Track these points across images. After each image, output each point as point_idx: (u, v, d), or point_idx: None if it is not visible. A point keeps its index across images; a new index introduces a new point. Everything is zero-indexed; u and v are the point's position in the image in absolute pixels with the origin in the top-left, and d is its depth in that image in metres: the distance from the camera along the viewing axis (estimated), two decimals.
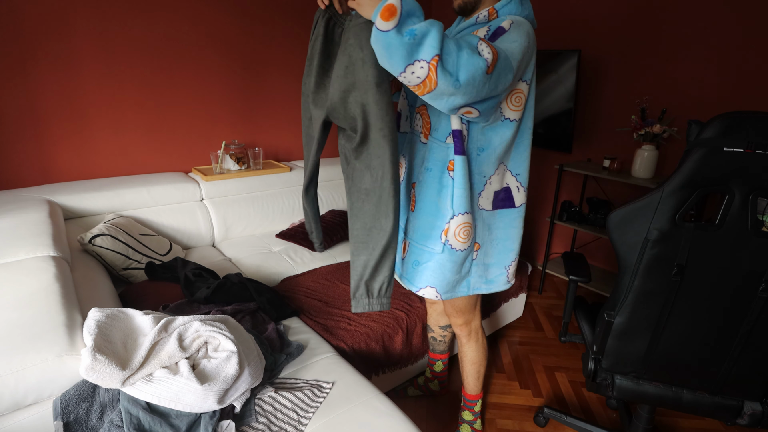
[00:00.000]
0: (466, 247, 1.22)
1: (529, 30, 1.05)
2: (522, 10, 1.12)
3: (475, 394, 1.58)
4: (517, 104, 1.12)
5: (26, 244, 1.35)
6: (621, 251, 1.15)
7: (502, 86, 1.00)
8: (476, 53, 0.93)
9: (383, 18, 0.87)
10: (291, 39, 2.64)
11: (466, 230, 1.20)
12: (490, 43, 0.97)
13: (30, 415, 0.96)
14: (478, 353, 1.50)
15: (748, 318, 1.08)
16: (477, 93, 0.95)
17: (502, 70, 0.98)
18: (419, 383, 1.82)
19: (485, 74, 0.94)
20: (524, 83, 1.11)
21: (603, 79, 2.56)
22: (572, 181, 2.85)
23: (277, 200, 2.41)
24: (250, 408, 1.09)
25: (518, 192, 1.24)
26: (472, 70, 0.91)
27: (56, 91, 1.99)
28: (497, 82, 0.98)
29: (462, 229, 1.19)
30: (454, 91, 0.93)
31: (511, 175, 1.23)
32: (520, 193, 1.24)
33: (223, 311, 1.43)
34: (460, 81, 0.91)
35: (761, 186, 0.98)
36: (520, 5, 1.11)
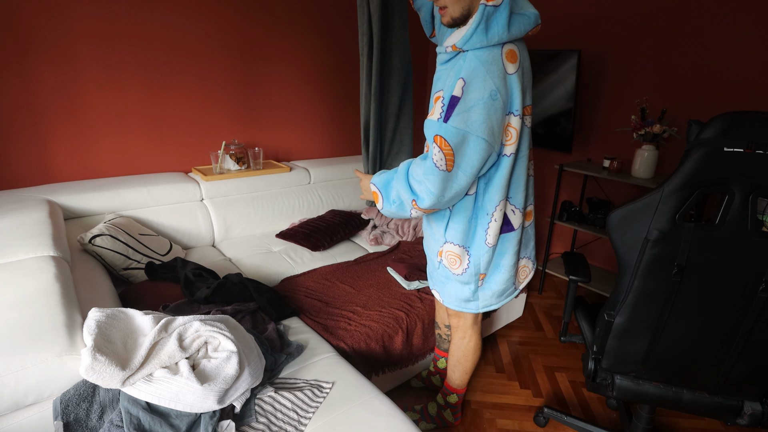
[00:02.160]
0: (460, 273, 1.32)
1: (487, 77, 1.03)
2: (488, 36, 1.05)
3: (454, 387, 1.60)
4: (508, 139, 1.13)
5: (26, 244, 1.35)
6: (621, 251, 1.15)
7: (477, 154, 1.06)
8: (430, 170, 1.07)
9: (376, 201, 1.23)
10: (292, 40, 2.64)
11: (451, 258, 1.30)
12: (443, 141, 1.05)
13: (30, 415, 0.96)
14: (465, 352, 1.52)
15: (748, 318, 1.08)
16: (453, 183, 1.09)
17: (464, 152, 1.05)
18: (422, 375, 1.84)
19: (446, 173, 1.07)
20: (513, 116, 1.10)
21: (603, 79, 2.56)
22: (572, 181, 2.85)
23: (277, 200, 2.41)
24: (250, 408, 1.09)
25: (514, 215, 1.28)
26: (433, 186, 1.08)
27: (56, 91, 1.99)
28: (467, 161, 1.06)
29: (449, 255, 1.30)
30: (438, 200, 1.10)
31: (508, 202, 1.26)
32: (516, 216, 1.28)
33: (223, 311, 1.43)
34: (434, 196, 1.09)
35: (761, 186, 0.98)
36: (485, 33, 1.05)
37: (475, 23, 1.04)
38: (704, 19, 2.13)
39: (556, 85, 2.51)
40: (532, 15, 1.08)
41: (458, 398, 1.62)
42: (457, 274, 1.33)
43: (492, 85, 1.03)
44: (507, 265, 1.32)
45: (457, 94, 1.05)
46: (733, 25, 2.06)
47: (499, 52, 1.05)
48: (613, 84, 2.52)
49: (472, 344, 1.50)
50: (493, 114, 1.04)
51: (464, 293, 1.36)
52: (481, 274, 1.32)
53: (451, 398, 1.62)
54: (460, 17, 1.09)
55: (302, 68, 2.75)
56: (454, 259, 1.31)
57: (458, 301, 1.38)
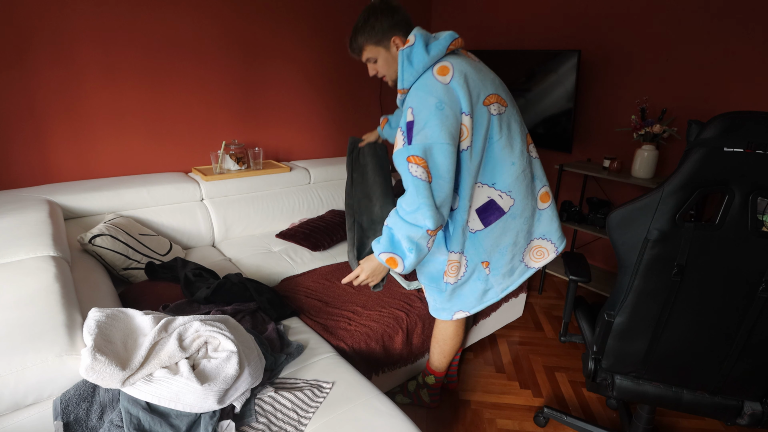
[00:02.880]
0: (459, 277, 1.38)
1: (427, 95, 1.15)
2: (414, 68, 1.20)
3: (433, 368, 1.65)
4: (462, 136, 1.19)
5: (26, 244, 1.35)
6: (621, 251, 1.15)
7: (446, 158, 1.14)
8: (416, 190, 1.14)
9: (394, 266, 1.21)
10: (292, 39, 2.64)
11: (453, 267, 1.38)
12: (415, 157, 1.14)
13: (30, 415, 0.96)
14: (444, 335, 1.57)
15: (748, 318, 1.08)
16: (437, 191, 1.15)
17: (435, 162, 1.14)
18: None
19: (428, 184, 1.14)
20: (465, 116, 1.17)
21: (603, 79, 2.56)
22: (572, 181, 2.85)
23: (277, 200, 2.41)
24: (250, 408, 1.09)
25: (502, 199, 1.29)
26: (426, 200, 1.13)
27: (56, 92, 1.99)
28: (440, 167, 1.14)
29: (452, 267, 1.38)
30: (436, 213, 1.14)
31: (488, 187, 1.29)
32: (504, 199, 1.30)
33: (223, 311, 1.43)
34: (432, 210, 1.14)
35: (761, 186, 0.98)
36: (411, 67, 1.20)
37: (400, 65, 1.22)
38: (704, 19, 2.13)
39: (556, 85, 2.51)
40: (446, 35, 1.23)
41: (436, 380, 1.67)
42: (457, 281, 1.39)
43: (434, 99, 1.14)
44: (506, 246, 1.35)
45: (410, 119, 1.17)
46: (733, 25, 2.06)
47: (430, 73, 1.18)
48: (613, 84, 2.52)
49: (452, 329, 1.55)
50: (446, 120, 1.14)
51: (477, 291, 1.41)
52: (483, 262, 1.36)
53: (429, 379, 1.67)
54: (396, 76, 1.29)
55: (303, 68, 2.75)
56: (455, 267, 1.36)
57: (475, 303, 1.43)
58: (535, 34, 2.80)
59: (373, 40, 1.27)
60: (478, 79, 1.20)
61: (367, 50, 1.30)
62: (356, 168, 1.70)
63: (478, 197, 1.30)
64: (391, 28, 1.25)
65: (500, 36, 2.99)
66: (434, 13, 3.36)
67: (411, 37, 1.21)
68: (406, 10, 1.28)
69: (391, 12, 1.24)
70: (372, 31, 1.26)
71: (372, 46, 1.28)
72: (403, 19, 1.26)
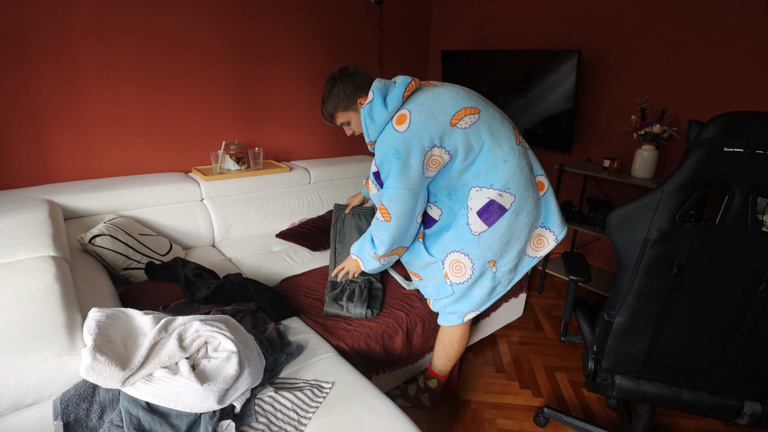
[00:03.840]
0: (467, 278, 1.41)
1: (386, 147, 1.27)
2: (376, 123, 1.31)
3: (436, 372, 1.65)
4: (435, 165, 1.29)
5: (26, 244, 1.35)
6: (621, 251, 1.15)
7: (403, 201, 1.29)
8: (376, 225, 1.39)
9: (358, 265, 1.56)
10: (292, 39, 2.64)
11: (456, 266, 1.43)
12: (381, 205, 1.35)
13: (30, 415, 0.96)
14: (451, 339, 1.57)
15: (748, 318, 1.08)
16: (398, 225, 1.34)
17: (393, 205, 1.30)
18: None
19: (388, 224, 1.35)
20: (434, 148, 1.26)
21: (603, 79, 2.56)
22: (572, 181, 2.85)
23: (277, 200, 2.41)
24: (250, 408, 1.09)
25: (502, 197, 1.31)
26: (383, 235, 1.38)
27: (56, 91, 1.99)
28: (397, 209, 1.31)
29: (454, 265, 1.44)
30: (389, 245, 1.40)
31: (486, 189, 1.31)
32: (504, 197, 1.31)
33: (223, 311, 1.43)
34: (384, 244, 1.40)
35: (761, 186, 0.98)
36: (374, 123, 1.31)
37: (363, 122, 1.34)
38: (705, 20, 2.13)
39: (556, 85, 2.51)
40: (400, 82, 1.31)
41: (438, 384, 1.66)
42: (465, 281, 1.40)
43: (391, 150, 1.26)
44: (514, 243, 1.37)
45: (374, 170, 1.36)
46: (733, 26, 2.06)
47: (390, 125, 1.29)
48: (613, 84, 2.52)
49: (459, 332, 1.55)
50: (402, 167, 1.26)
51: (486, 289, 1.43)
52: (490, 261, 1.37)
53: (431, 383, 1.66)
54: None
55: (303, 68, 2.75)
56: (458, 266, 1.38)
57: (485, 301, 1.46)
58: (535, 34, 2.80)
59: (342, 107, 1.39)
60: (439, 106, 1.27)
61: (339, 116, 1.42)
62: (339, 239, 1.86)
63: (478, 200, 1.32)
64: (354, 91, 1.36)
65: (500, 36, 2.99)
66: (434, 14, 3.36)
67: (370, 93, 1.32)
68: (364, 72, 1.40)
69: (350, 77, 1.36)
70: (338, 99, 1.37)
71: (342, 112, 1.40)
72: (363, 81, 1.37)
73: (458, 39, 3.25)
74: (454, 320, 1.50)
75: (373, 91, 1.31)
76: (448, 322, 1.52)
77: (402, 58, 3.30)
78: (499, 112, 1.36)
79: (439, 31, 3.36)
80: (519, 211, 1.33)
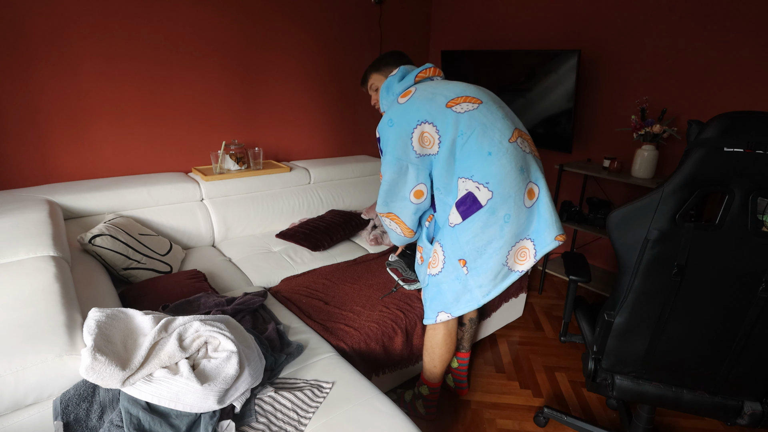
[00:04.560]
0: (439, 269, 1.39)
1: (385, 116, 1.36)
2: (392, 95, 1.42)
3: (426, 378, 1.62)
4: (426, 143, 1.31)
5: (26, 244, 1.35)
6: (621, 251, 1.15)
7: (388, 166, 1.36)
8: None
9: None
10: (291, 40, 2.64)
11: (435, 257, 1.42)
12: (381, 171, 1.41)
13: (30, 415, 0.96)
14: (432, 343, 1.55)
15: (748, 318, 1.08)
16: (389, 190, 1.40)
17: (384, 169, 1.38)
18: None
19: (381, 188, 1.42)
20: (425, 124, 1.29)
21: (603, 79, 2.56)
22: (572, 181, 2.85)
23: (277, 200, 2.41)
24: (250, 408, 1.09)
25: (480, 191, 1.24)
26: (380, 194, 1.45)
27: (57, 92, 1.99)
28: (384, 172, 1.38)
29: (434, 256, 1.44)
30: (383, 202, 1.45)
31: (466, 180, 1.26)
32: (481, 192, 1.24)
33: (224, 311, 1.43)
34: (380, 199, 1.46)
35: (761, 186, 0.98)
36: (387, 93, 1.43)
37: (382, 92, 1.45)
38: (705, 19, 2.13)
39: (556, 85, 2.51)
40: (422, 66, 1.43)
41: (429, 391, 1.63)
42: (437, 273, 1.39)
43: (387, 118, 1.36)
44: (486, 245, 1.28)
45: (378, 136, 1.42)
46: (733, 25, 2.06)
47: (395, 99, 1.40)
48: (613, 84, 2.52)
49: (441, 335, 1.52)
50: (393, 135, 1.33)
51: (454, 289, 1.36)
52: (460, 259, 1.31)
53: (422, 389, 1.65)
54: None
55: (303, 68, 2.75)
56: (435, 257, 1.40)
57: (453, 303, 1.39)
58: (535, 34, 2.80)
59: (380, 71, 1.51)
60: (442, 90, 1.33)
61: (372, 78, 1.53)
62: None
63: (460, 191, 1.29)
64: (392, 63, 1.50)
65: (500, 36, 2.99)
66: (434, 14, 3.36)
67: (395, 70, 1.44)
68: (410, 59, 1.53)
69: (398, 55, 1.52)
70: (379, 63, 1.51)
71: (375, 73, 1.52)
72: (407, 62, 1.51)
73: (458, 39, 3.25)
74: (429, 318, 1.47)
75: (399, 68, 1.43)
76: (426, 319, 1.50)
77: None
78: (504, 111, 1.32)
79: (439, 31, 3.36)
80: (494, 210, 1.25)
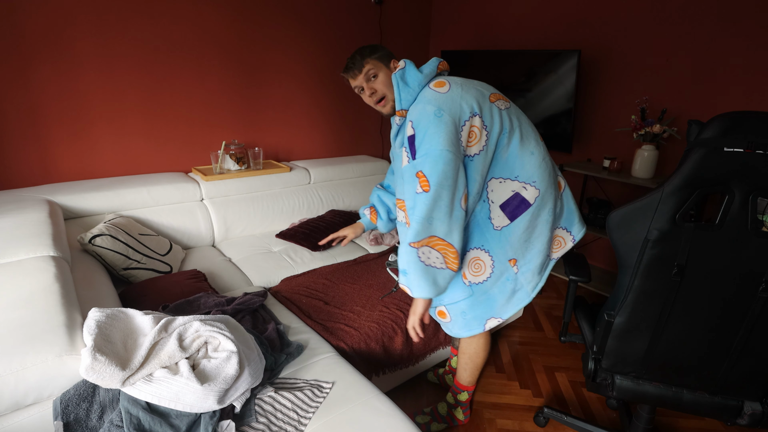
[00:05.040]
0: (486, 277, 1.33)
1: (425, 105, 1.17)
2: (410, 86, 1.24)
3: (465, 384, 1.61)
4: (472, 139, 1.19)
5: (26, 244, 1.35)
6: (621, 251, 1.15)
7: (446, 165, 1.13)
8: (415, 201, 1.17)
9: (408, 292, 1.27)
10: (291, 41, 2.64)
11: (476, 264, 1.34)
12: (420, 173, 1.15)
13: (30, 415, 0.96)
14: (476, 348, 1.52)
15: (748, 318, 1.08)
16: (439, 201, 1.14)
17: (436, 169, 1.13)
18: (438, 372, 1.85)
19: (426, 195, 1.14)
20: (475, 117, 1.17)
21: (603, 79, 2.56)
22: (572, 181, 2.85)
23: (277, 200, 2.41)
24: (250, 408, 1.09)
25: (527, 190, 1.26)
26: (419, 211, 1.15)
27: (57, 92, 1.99)
28: (440, 175, 1.13)
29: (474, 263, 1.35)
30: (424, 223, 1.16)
31: (511, 181, 1.26)
32: (529, 191, 1.26)
33: (224, 311, 1.43)
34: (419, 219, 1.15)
35: (761, 186, 0.98)
36: (407, 86, 1.24)
37: (396, 87, 1.26)
38: (705, 19, 2.13)
39: (556, 85, 2.51)
40: (433, 59, 1.29)
41: (468, 395, 1.64)
42: (484, 280, 1.32)
43: (432, 107, 1.16)
44: (536, 241, 1.31)
45: (410, 133, 1.19)
46: (733, 26, 2.06)
47: (427, 88, 1.22)
48: (613, 84, 2.52)
49: (482, 340, 1.51)
50: (445, 127, 1.14)
51: (505, 291, 1.35)
52: (510, 260, 1.32)
53: (461, 396, 1.63)
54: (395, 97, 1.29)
55: (303, 68, 2.75)
56: (477, 265, 1.32)
57: (504, 306, 1.37)
58: (535, 34, 2.80)
59: (376, 56, 1.29)
60: (475, 83, 1.25)
61: (369, 63, 1.28)
62: None
63: (502, 193, 1.26)
64: (390, 55, 1.32)
65: (500, 36, 2.99)
66: (434, 14, 3.36)
67: (401, 62, 1.28)
68: None
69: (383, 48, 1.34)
70: (375, 50, 1.30)
71: (375, 60, 1.29)
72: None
73: (458, 39, 3.25)
74: (476, 327, 1.39)
75: (405, 61, 1.28)
76: (469, 332, 1.40)
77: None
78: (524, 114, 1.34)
79: (439, 31, 3.36)
80: (542, 206, 1.28)
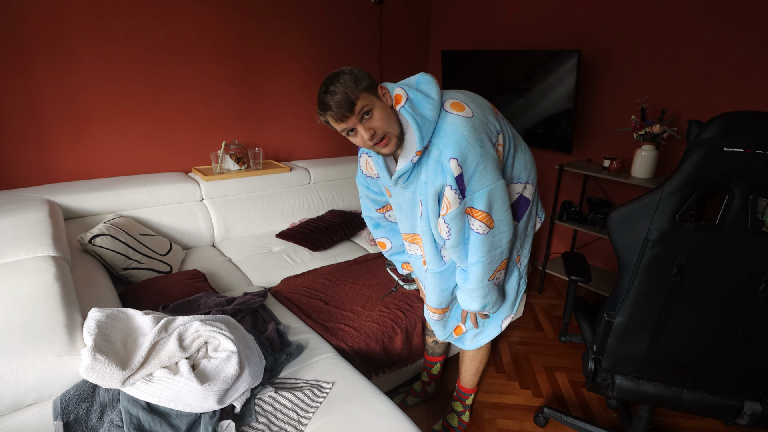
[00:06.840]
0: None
1: (467, 139, 1.03)
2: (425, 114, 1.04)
3: (470, 388, 1.61)
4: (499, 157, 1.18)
5: (26, 244, 1.35)
6: (621, 251, 1.15)
7: (503, 193, 1.11)
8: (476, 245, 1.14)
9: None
10: (291, 41, 2.64)
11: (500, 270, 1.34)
12: (472, 209, 1.10)
13: (30, 415, 0.96)
14: (486, 349, 1.54)
15: (748, 318, 1.08)
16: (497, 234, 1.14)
17: (494, 203, 1.10)
18: (416, 390, 1.78)
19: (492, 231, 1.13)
20: (500, 135, 1.17)
21: (603, 79, 2.56)
22: (572, 181, 2.85)
23: (277, 200, 2.41)
24: (250, 408, 1.09)
25: (527, 189, 1.30)
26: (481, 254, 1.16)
27: (57, 92, 1.99)
28: (500, 206, 1.11)
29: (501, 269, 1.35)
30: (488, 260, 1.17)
31: (514, 184, 1.29)
32: (528, 189, 1.30)
33: (224, 311, 1.43)
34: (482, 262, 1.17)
35: (761, 186, 0.98)
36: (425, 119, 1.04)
37: (413, 124, 1.04)
38: (705, 19, 2.13)
39: (556, 85, 2.51)
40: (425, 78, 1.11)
41: (473, 398, 1.66)
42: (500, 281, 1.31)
43: (473, 139, 1.04)
44: (529, 233, 1.38)
45: (457, 173, 1.05)
46: (733, 26, 2.06)
47: (449, 116, 1.05)
48: (613, 84, 2.52)
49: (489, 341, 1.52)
50: (491, 157, 1.08)
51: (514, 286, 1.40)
52: (516, 256, 1.36)
53: (469, 400, 1.64)
54: (400, 133, 1.07)
55: (303, 68, 2.74)
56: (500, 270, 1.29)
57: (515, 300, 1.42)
58: (535, 34, 2.80)
59: (363, 86, 1.00)
60: (477, 99, 1.18)
61: (361, 99, 0.99)
62: None
63: (511, 197, 1.29)
64: (372, 80, 1.05)
65: (500, 36, 2.99)
66: (434, 14, 3.36)
67: (398, 90, 1.06)
68: None
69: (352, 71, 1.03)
70: (358, 79, 1.00)
71: (365, 93, 1.01)
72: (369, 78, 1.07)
73: (458, 39, 3.25)
74: (493, 330, 1.43)
75: (401, 87, 1.06)
76: (487, 337, 1.44)
77: (402, 58, 3.30)
78: None
79: (439, 31, 3.36)
80: (534, 199, 1.34)
